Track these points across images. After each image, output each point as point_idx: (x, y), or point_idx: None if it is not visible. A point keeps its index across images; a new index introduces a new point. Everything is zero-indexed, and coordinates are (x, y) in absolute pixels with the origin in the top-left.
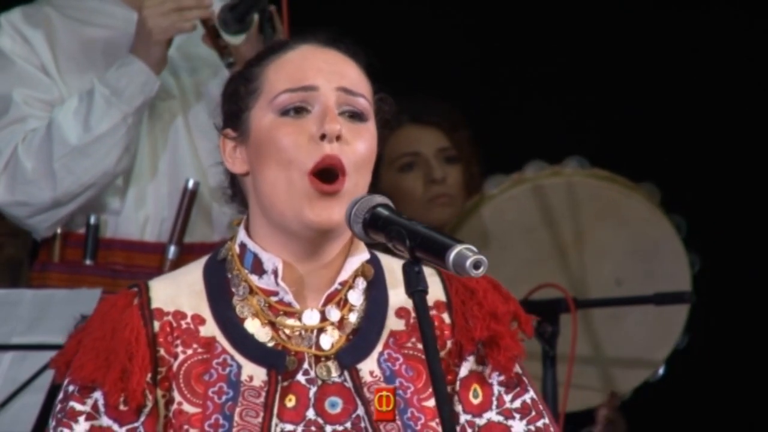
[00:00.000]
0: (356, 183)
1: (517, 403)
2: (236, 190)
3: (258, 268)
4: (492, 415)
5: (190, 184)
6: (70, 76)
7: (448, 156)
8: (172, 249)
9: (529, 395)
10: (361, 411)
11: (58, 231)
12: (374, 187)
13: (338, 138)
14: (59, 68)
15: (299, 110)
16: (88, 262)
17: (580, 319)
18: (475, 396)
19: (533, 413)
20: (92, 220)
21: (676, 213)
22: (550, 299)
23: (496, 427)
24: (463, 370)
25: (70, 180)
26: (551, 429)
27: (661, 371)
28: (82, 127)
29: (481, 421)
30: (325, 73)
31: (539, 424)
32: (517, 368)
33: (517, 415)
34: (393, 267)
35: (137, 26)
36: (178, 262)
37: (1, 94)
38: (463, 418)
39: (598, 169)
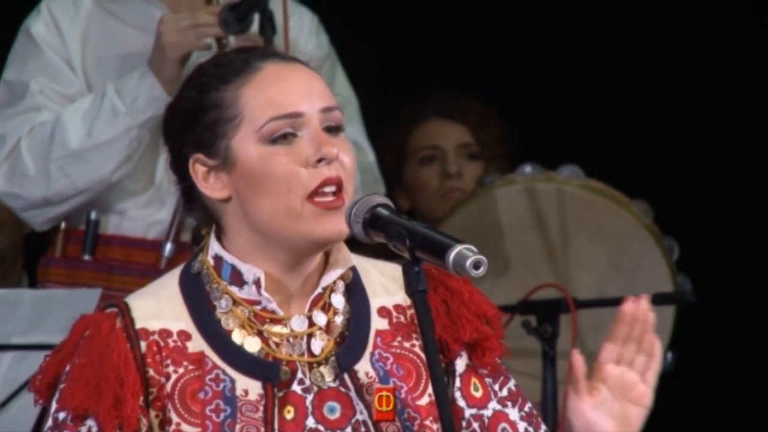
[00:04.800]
0: (350, 195)
1: (505, 392)
2: (195, 204)
3: (237, 280)
4: (495, 405)
5: None
6: (94, 74)
7: (470, 152)
8: (169, 246)
9: (512, 382)
10: (360, 415)
11: (62, 227)
12: (396, 179)
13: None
14: (85, 65)
15: (287, 136)
16: (86, 257)
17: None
18: (476, 389)
19: (519, 399)
20: (92, 215)
21: (671, 235)
22: (550, 299)
23: (500, 416)
24: (460, 366)
25: (64, 182)
26: (534, 412)
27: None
28: (85, 132)
29: (487, 412)
30: (307, 96)
31: (526, 409)
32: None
33: (509, 403)
34: (367, 268)
35: (155, 40)
36: (174, 260)
37: (20, 81)
38: (468, 412)
39: (592, 180)
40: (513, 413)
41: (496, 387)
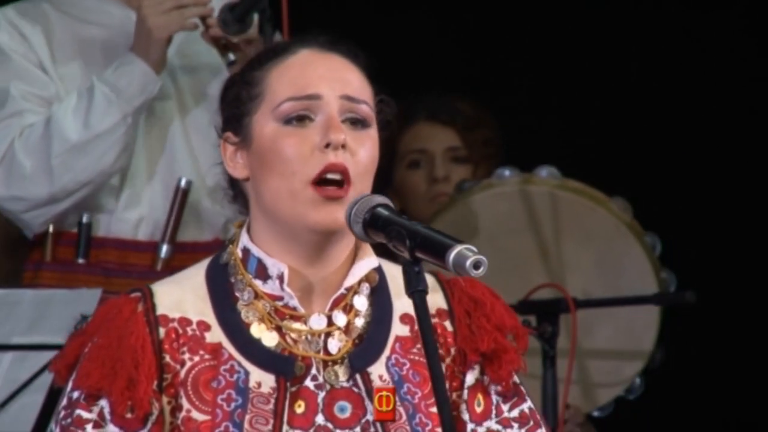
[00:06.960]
0: (360, 192)
1: (515, 413)
2: (237, 191)
3: (262, 274)
4: (491, 424)
5: (183, 182)
6: (67, 73)
7: (457, 156)
8: (165, 248)
9: (527, 405)
10: (371, 416)
11: (50, 230)
12: (386, 183)
13: (343, 147)
14: (56, 65)
15: (302, 119)
16: (80, 260)
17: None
18: (478, 405)
19: (531, 423)
20: (84, 218)
21: (652, 230)
22: (550, 299)
23: None
24: (470, 379)
25: (68, 177)
26: None
27: (637, 386)
28: (82, 125)
29: (481, 430)
30: (328, 81)
31: None
32: (515, 378)
33: (515, 425)
34: (394, 274)
35: (137, 25)
36: (171, 261)
37: None
38: (469, 427)
39: (570, 180)
40: None
41: (506, 407)
